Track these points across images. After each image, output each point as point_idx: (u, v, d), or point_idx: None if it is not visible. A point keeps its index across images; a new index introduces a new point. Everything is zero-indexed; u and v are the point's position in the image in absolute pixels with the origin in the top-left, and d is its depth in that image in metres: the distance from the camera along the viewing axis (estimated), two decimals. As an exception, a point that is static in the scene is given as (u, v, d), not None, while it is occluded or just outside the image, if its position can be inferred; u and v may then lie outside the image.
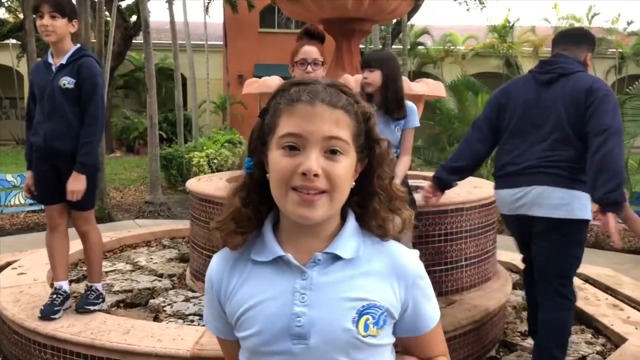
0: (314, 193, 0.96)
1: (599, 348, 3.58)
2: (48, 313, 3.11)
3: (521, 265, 5.07)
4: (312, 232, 1.04)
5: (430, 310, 1.11)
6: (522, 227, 3.06)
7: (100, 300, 3.36)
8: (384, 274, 1.05)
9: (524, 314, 4.15)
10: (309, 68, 3.11)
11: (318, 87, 1.01)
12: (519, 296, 4.46)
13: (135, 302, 3.85)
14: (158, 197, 10.00)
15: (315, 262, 1.03)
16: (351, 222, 1.07)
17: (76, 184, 3.08)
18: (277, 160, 0.98)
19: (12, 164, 14.43)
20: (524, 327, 3.91)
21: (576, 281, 4.69)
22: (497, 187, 3.11)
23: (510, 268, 5.03)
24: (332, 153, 0.97)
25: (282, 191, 0.98)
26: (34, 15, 3.19)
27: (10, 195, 7.93)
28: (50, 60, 3.17)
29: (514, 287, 4.52)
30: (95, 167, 3.19)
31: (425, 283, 1.10)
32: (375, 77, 3.19)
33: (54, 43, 3.12)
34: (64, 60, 3.12)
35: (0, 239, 6.64)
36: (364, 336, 1.00)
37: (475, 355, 3.39)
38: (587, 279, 4.86)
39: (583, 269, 5.13)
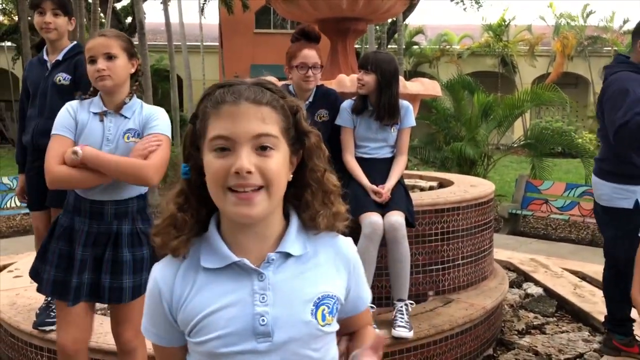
0: (250, 190, 0.98)
1: (595, 346, 3.58)
2: (40, 323, 3.03)
3: (517, 264, 5.12)
4: (257, 234, 1.06)
5: (366, 291, 1.21)
6: None
7: None
8: (330, 264, 1.11)
9: (521, 312, 4.16)
10: (309, 72, 3.04)
11: (242, 87, 1.03)
12: (516, 294, 4.47)
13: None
14: (154, 198, 9.96)
15: (269, 262, 1.06)
16: (294, 220, 1.10)
17: None
18: (210, 163, 1.00)
19: (8, 167, 14.44)
20: (521, 325, 3.91)
21: (573, 279, 4.73)
22: None
23: (507, 267, 5.04)
24: (262, 149, 0.99)
25: (219, 193, 1.00)
26: (32, 11, 3.08)
27: (6, 198, 7.90)
28: (45, 57, 3.12)
29: (511, 285, 4.53)
30: None
31: (360, 266, 1.18)
32: (369, 80, 3.16)
33: (53, 41, 3.07)
34: (59, 57, 3.06)
35: (-4, 241, 6.62)
36: (322, 326, 1.06)
37: (473, 353, 3.40)
38: (584, 277, 4.87)
39: (580, 267, 5.17)
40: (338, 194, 1.13)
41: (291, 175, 1.07)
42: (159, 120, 2.30)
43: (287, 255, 1.07)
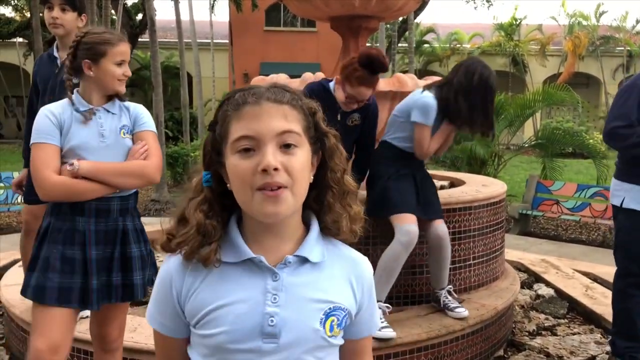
0: (276, 188, 0.98)
1: (608, 348, 3.55)
2: None
3: (528, 265, 5.08)
4: (277, 234, 1.07)
5: (376, 316, 1.19)
6: None
7: None
8: (345, 277, 1.11)
9: (532, 314, 4.13)
10: (356, 105, 3.05)
11: (261, 89, 1.04)
12: (527, 295, 4.44)
13: (142, 300, 3.84)
14: (164, 195, 10.03)
15: (285, 264, 1.05)
16: (315, 227, 1.10)
17: None
18: (235, 165, 1.00)
19: (18, 162, 14.52)
20: (532, 326, 3.89)
21: (584, 280, 4.70)
22: None
23: (518, 267, 5.01)
24: (286, 147, 1.00)
25: (248, 195, 0.99)
26: (42, 6, 3.07)
27: (17, 194, 7.92)
28: (55, 53, 3.10)
29: (522, 286, 4.50)
30: None
31: (373, 289, 1.17)
32: None
33: (61, 37, 3.05)
34: None
35: (7, 236, 6.65)
36: (329, 336, 1.06)
37: (483, 354, 3.38)
38: (595, 279, 4.83)
39: (591, 268, 5.13)
40: (355, 194, 1.13)
41: (311, 177, 1.07)
42: (146, 117, 2.30)
43: (304, 260, 1.07)
